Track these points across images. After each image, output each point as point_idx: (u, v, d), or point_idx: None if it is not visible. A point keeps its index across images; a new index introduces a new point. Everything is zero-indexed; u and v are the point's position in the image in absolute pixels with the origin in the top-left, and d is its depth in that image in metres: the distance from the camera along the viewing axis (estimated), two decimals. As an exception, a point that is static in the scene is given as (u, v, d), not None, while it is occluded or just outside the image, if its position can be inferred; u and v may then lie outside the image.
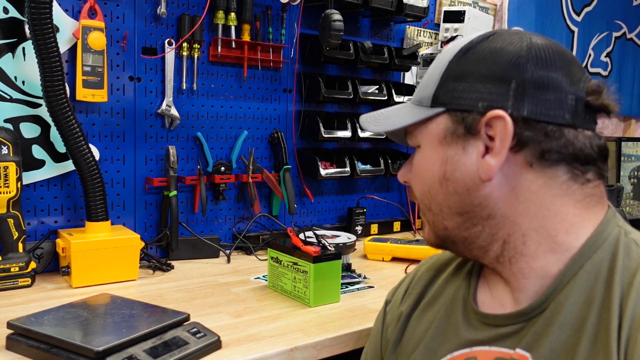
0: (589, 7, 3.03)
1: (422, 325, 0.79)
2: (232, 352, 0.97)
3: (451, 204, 0.69)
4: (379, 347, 0.87)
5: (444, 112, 0.69)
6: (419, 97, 0.73)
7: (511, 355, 0.65)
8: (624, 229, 0.66)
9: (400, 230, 2.11)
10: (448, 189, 0.69)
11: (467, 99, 0.66)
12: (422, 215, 0.76)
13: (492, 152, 0.65)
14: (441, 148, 0.69)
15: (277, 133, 1.80)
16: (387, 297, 0.91)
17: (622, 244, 0.64)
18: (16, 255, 1.29)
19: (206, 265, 1.56)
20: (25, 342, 0.93)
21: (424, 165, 0.72)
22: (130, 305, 1.09)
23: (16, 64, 1.37)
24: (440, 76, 0.69)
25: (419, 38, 2.15)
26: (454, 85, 0.68)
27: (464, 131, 0.67)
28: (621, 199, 1.95)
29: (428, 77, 0.72)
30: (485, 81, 0.65)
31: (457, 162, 0.68)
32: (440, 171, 0.70)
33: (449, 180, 0.69)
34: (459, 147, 0.68)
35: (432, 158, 0.71)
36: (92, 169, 1.34)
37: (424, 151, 0.72)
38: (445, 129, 0.69)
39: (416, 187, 0.75)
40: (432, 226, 0.75)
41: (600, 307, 0.61)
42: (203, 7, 1.59)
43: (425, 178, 0.72)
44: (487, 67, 0.66)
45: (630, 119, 3.43)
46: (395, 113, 0.77)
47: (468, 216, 0.69)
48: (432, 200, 0.72)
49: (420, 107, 0.71)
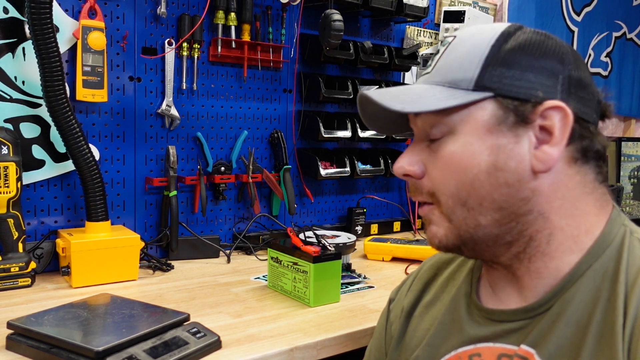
0: (589, 7, 3.03)
1: (425, 323, 0.79)
2: (232, 352, 0.97)
3: (496, 196, 0.64)
4: (383, 344, 0.87)
5: (490, 98, 0.64)
6: (452, 79, 0.66)
7: (515, 352, 0.65)
8: (629, 228, 0.67)
9: (400, 230, 2.11)
10: (498, 180, 0.64)
11: (519, 87, 0.64)
12: (448, 212, 0.67)
13: (552, 143, 0.63)
14: (490, 136, 0.64)
15: (277, 133, 1.80)
16: (391, 295, 0.91)
17: (627, 243, 0.65)
18: (16, 255, 1.29)
19: (206, 265, 1.56)
20: (25, 342, 0.93)
21: (465, 154, 0.65)
22: (130, 305, 1.09)
23: (16, 64, 1.37)
24: (483, 59, 0.65)
25: (419, 38, 2.15)
26: (502, 71, 0.64)
27: (515, 120, 0.64)
28: (621, 199, 1.95)
29: (461, 58, 0.66)
30: (536, 71, 0.64)
31: (511, 152, 0.64)
32: (489, 161, 0.64)
33: (500, 171, 0.64)
34: (511, 135, 0.64)
35: (477, 146, 0.64)
36: (92, 169, 1.34)
37: (464, 138, 0.65)
38: (493, 115, 0.64)
39: (446, 179, 0.66)
40: (458, 224, 0.67)
41: (606, 304, 0.61)
42: (203, 7, 1.59)
43: (467, 168, 0.65)
44: (536, 58, 0.65)
45: (630, 119, 3.43)
46: (422, 92, 0.67)
47: (507, 212, 0.65)
48: (471, 194, 0.65)
49: (458, 90, 0.65)
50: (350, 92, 1.86)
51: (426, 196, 0.69)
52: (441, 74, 0.68)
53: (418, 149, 0.70)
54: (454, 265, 0.83)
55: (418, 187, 0.70)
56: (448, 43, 0.69)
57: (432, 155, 0.68)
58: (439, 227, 0.69)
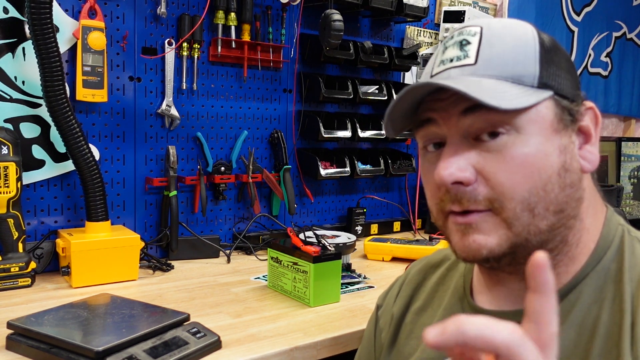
0: (589, 7, 3.03)
1: (418, 330, 0.78)
2: (232, 352, 0.97)
3: (561, 198, 0.61)
4: (373, 351, 0.86)
5: (551, 97, 0.62)
6: (513, 74, 0.61)
7: None
8: (626, 228, 0.67)
9: (400, 230, 2.11)
10: (566, 181, 0.61)
11: (568, 87, 0.63)
12: (512, 219, 0.60)
13: (591, 142, 0.64)
14: (556, 136, 0.61)
15: (277, 133, 1.80)
16: (378, 301, 0.89)
17: (627, 243, 0.65)
18: (16, 255, 1.29)
19: (206, 265, 1.56)
20: (25, 342, 0.93)
21: (538, 155, 0.60)
22: (130, 305, 1.09)
23: (16, 64, 1.37)
24: (538, 55, 0.62)
25: (419, 38, 2.15)
26: (555, 70, 0.62)
27: (569, 120, 0.62)
28: (621, 199, 1.95)
29: (513, 52, 0.62)
30: (570, 72, 0.65)
31: (572, 152, 0.62)
32: (559, 162, 0.61)
33: (568, 172, 0.61)
34: (568, 135, 0.62)
35: (548, 147, 0.60)
36: (92, 169, 1.34)
37: (534, 138, 0.60)
38: (555, 115, 0.61)
39: (517, 183, 0.60)
40: (518, 232, 0.61)
41: (612, 306, 0.61)
42: (203, 7, 1.59)
43: (541, 170, 0.60)
44: (566, 58, 0.65)
45: (630, 119, 3.43)
46: (496, 87, 0.60)
47: (563, 215, 0.62)
48: (542, 198, 0.60)
49: (524, 87, 0.60)
50: (350, 92, 1.86)
51: (484, 204, 0.61)
52: (496, 67, 0.61)
53: (462, 152, 0.61)
54: (442, 269, 0.81)
55: (471, 196, 0.61)
56: (477, 33, 0.63)
57: (488, 157, 0.60)
58: (490, 235, 0.61)
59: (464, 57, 0.63)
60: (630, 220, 1.05)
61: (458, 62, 0.63)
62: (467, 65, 0.62)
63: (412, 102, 0.65)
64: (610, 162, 2.68)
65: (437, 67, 0.66)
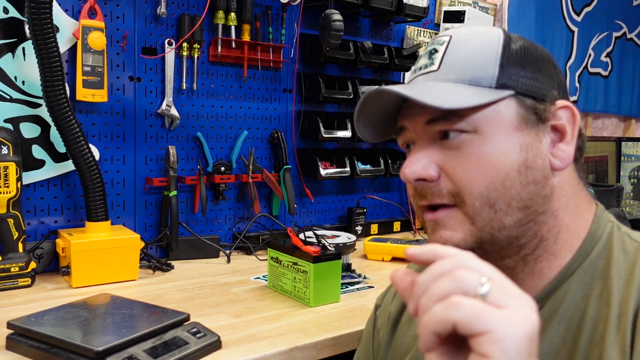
0: (589, 7, 3.03)
1: (413, 330, 0.79)
2: (232, 352, 0.97)
3: (524, 195, 0.63)
4: (371, 351, 0.87)
5: (511, 96, 0.64)
6: (471, 77, 0.64)
7: None
8: (616, 224, 0.68)
9: (400, 230, 2.11)
10: (528, 178, 0.63)
11: (534, 87, 0.65)
12: (473, 214, 0.64)
13: (566, 141, 0.66)
14: (517, 134, 0.63)
15: (277, 133, 1.80)
16: (377, 301, 0.90)
17: (616, 239, 0.66)
18: (16, 255, 1.29)
19: (206, 265, 1.56)
20: (25, 342, 0.93)
21: (496, 153, 0.63)
22: (130, 305, 1.09)
23: (16, 64, 1.37)
24: (499, 57, 0.65)
25: (419, 38, 2.15)
26: (518, 70, 0.65)
27: (535, 118, 0.64)
28: (621, 199, 1.95)
29: (475, 56, 0.65)
30: (541, 72, 0.66)
31: (537, 149, 0.64)
32: (520, 159, 0.63)
33: (529, 169, 0.63)
34: (534, 134, 0.64)
35: (507, 145, 0.63)
36: (92, 169, 1.34)
37: (493, 137, 0.63)
38: (518, 113, 0.64)
39: (475, 179, 0.63)
40: (481, 226, 0.64)
41: (598, 300, 0.62)
42: (203, 7, 1.59)
43: (498, 167, 0.63)
44: (538, 60, 0.67)
45: (630, 119, 3.43)
46: (447, 89, 0.64)
47: (530, 211, 0.64)
48: (501, 194, 0.63)
49: (480, 88, 0.64)
50: (350, 92, 1.86)
51: (447, 198, 0.65)
52: (456, 72, 0.65)
53: (427, 151, 0.66)
54: None
55: (435, 190, 0.65)
56: (445, 42, 0.68)
57: (449, 154, 0.64)
58: (455, 231, 0.65)
59: (430, 65, 0.68)
60: (630, 220, 1.05)
61: (425, 70, 0.69)
62: (431, 71, 0.67)
63: (384, 110, 0.70)
64: (610, 162, 2.68)
65: (410, 75, 0.72)
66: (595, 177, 2.59)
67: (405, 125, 0.69)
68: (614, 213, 0.71)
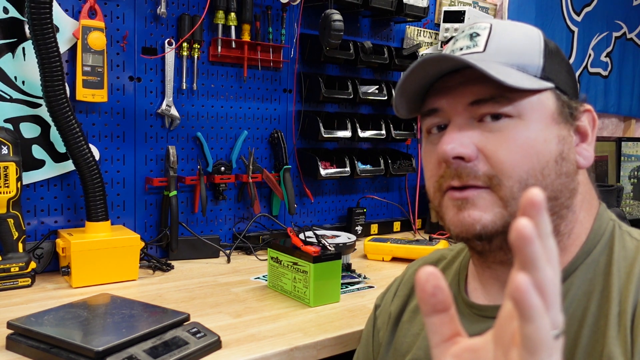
0: (589, 7, 3.02)
1: (414, 328, 0.79)
2: (232, 352, 0.97)
3: (557, 186, 0.64)
4: (371, 350, 0.87)
5: (551, 90, 0.65)
6: (519, 63, 0.65)
7: None
8: (617, 223, 0.69)
9: (400, 230, 2.11)
10: (562, 169, 0.65)
11: (569, 86, 0.67)
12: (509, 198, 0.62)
13: (588, 142, 0.68)
14: (556, 126, 0.65)
15: (277, 133, 1.80)
16: (377, 301, 0.90)
17: (617, 237, 0.67)
18: (16, 255, 1.29)
19: (206, 265, 1.56)
20: (25, 342, 0.93)
21: (539, 140, 0.63)
22: (130, 305, 1.09)
23: (16, 64, 1.37)
24: (542, 50, 0.66)
25: (419, 38, 2.15)
26: (557, 67, 0.66)
27: (568, 115, 0.66)
28: (621, 199, 1.95)
29: (521, 45, 0.66)
30: (569, 72, 0.69)
31: (570, 144, 0.66)
32: (557, 149, 0.64)
33: (565, 160, 0.65)
34: (566, 128, 0.66)
35: (547, 134, 0.64)
36: (92, 169, 1.34)
37: (535, 124, 0.63)
38: (556, 107, 0.65)
39: (518, 163, 0.62)
40: (514, 212, 0.63)
41: (600, 297, 0.62)
42: (203, 7, 1.59)
43: (540, 154, 0.63)
44: (564, 59, 0.69)
45: (630, 119, 3.43)
46: (503, 70, 0.63)
47: (557, 202, 0.65)
48: (539, 181, 0.63)
49: (528, 76, 0.64)
50: (350, 92, 1.86)
51: (483, 180, 0.63)
52: (503, 55, 0.65)
53: (465, 131, 0.64)
54: (439, 268, 0.82)
55: (471, 171, 0.63)
56: (486, 27, 0.67)
57: (490, 137, 0.63)
58: (485, 212, 0.63)
59: (473, 46, 0.67)
60: (630, 221, 1.05)
61: (467, 50, 0.67)
62: (476, 52, 0.66)
63: (420, 85, 0.68)
64: (610, 162, 2.68)
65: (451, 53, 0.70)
66: (596, 177, 2.59)
67: (441, 106, 0.67)
68: (614, 213, 0.72)
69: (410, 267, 0.88)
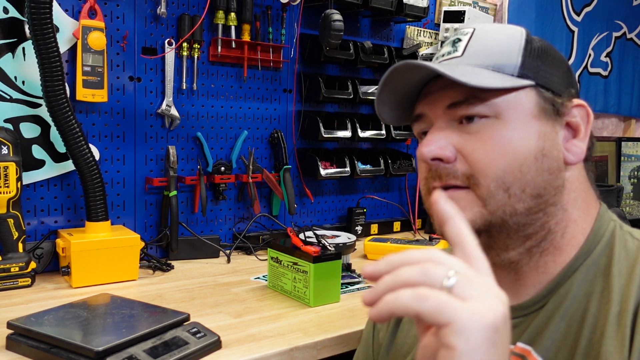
0: (589, 7, 3.02)
1: (415, 329, 0.78)
2: (232, 352, 0.97)
3: (538, 183, 0.65)
4: (371, 351, 0.87)
5: (532, 87, 0.66)
6: (495, 63, 0.66)
7: (511, 350, 0.65)
8: (619, 223, 0.69)
9: (400, 230, 2.11)
10: (543, 166, 0.65)
11: (553, 82, 0.67)
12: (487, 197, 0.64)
13: (579, 137, 0.68)
14: (536, 122, 0.65)
15: (277, 133, 1.80)
16: None
17: (618, 238, 0.66)
18: (16, 255, 1.29)
19: (206, 265, 1.56)
20: (25, 342, 0.93)
21: (515, 137, 0.64)
22: (130, 305, 1.09)
23: (16, 64, 1.37)
24: (522, 49, 0.67)
25: (419, 38, 2.15)
26: (539, 65, 0.67)
27: (552, 111, 0.66)
28: (621, 199, 1.95)
29: (500, 45, 0.67)
30: (560, 69, 0.69)
31: (553, 140, 0.66)
32: (537, 146, 0.65)
33: (546, 157, 0.65)
34: (550, 125, 0.66)
35: (526, 131, 0.65)
36: (92, 169, 1.34)
37: (512, 123, 0.64)
38: (537, 103, 0.66)
39: (493, 162, 0.64)
40: (493, 210, 0.65)
41: (600, 298, 0.62)
42: (203, 7, 1.59)
43: (517, 152, 0.64)
44: (556, 59, 0.69)
45: (630, 119, 3.42)
46: (473, 71, 0.66)
47: (541, 200, 0.65)
48: (517, 179, 0.64)
49: (503, 75, 0.65)
50: (350, 92, 1.86)
51: (461, 179, 0.65)
52: (480, 58, 0.67)
53: (445, 133, 0.66)
54: None
55: (450, 171, 0.66)
56: (469, 32, 0.70)
57: (468, 138, 0.65)
58: (464, 211, 0.65)
59: (453, 52, 0.70)
60: (630, 221, 1.05)
61: (448, 56, 0.70)
62: (455, 57, 0.69)
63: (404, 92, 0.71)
64: (610, 162, 2.68)
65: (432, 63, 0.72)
66: (596, 177, 2.59)
67: (424, 111, 0.70)
68: (615, 213, 0.72)
69: None
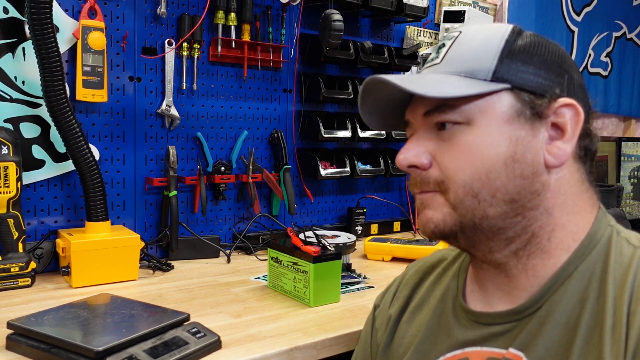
0: (589, 7, 3.03)
1: (412, 329, 0.79)
2: (232, 352, 0.97)
3: (510, 188, 0.64)
4: (369, 351, 0.87)
5: (507, 90, 0.65)
6: (468, 69, 0.66)
7: (503, 355, 0.65)
8: (616, 229, 0.67)
9: (400, 230, 2.11)
10: (514, 171, 0.64)
11: (535, 82, 0.65)
12: (455, 201, 0.66)
13: (565, 139, 0.65)
14: (509, 127, 0.64)
15: (277, 133, 1.80)
16: (376, 301, 0.90)
17: (614, 244, 0.65)
18: (16, 255, 1.29)
19: (206, 265, 1.56)
20: (25, 342, 0.93)
21: (483, 144, 0.64)
22: (130, 305, 1.09)
23: (16, 64, 1.37)
24: (499, 52, 0.65)
25: (419, 38, 2.15)
26: (518, 65, 0.65)
27: (531, 113, 0.64)
28: (621, 199, 1.95)
29: (476, 50, 0.66)
30: (547, 69, 0.66)
31: (528, 144, 0.64)
32: (508, 152, 0.64)
33: (517, 162, 0.64)
34: (528, 128, 0.64)
35: (496, 137, 0.64)
36: (92, 169, 1.34)
37: (482, 128, 0.64)
38: (511, 107, 0.64)
39: (460, 168, 0.65)
40: (463, 213, 0.66)
41: (594, 305, 0.61)
42: (203, 7, 1.59)
43: (484, 158, 0.64)
44: (545, 57, 0.67)
45: (630, 119, 3.43)
46: (440, 79, 0.66)
47: (517, 204, 0.65)
48: (486, 185, 0.64)
49: (475, 80, 0.65)
50: (350, 92, 1.86)
51: (433, 186, 0.67)
52: (454, 64, 0.67)
53: (422, 140, 0.68)
54: (439, 269, 0.82)
55: (424, 179, 0.68)
56: (454, 37, 0.69)
57: (441, 144, 0.67)
58: (436, 211, 0.67)
59: (435, 59, 0.70)
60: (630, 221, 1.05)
61: (430, 63, 0.71)
62: (435, 64, 0.70)
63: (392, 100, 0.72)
64: (610, 162, 2.68)
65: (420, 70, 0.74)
66: (596, 177, 2.59)
67: (408, 118, 0.72)
68: (614, 213, 0.71)
69: (411, 268, 0.88)
